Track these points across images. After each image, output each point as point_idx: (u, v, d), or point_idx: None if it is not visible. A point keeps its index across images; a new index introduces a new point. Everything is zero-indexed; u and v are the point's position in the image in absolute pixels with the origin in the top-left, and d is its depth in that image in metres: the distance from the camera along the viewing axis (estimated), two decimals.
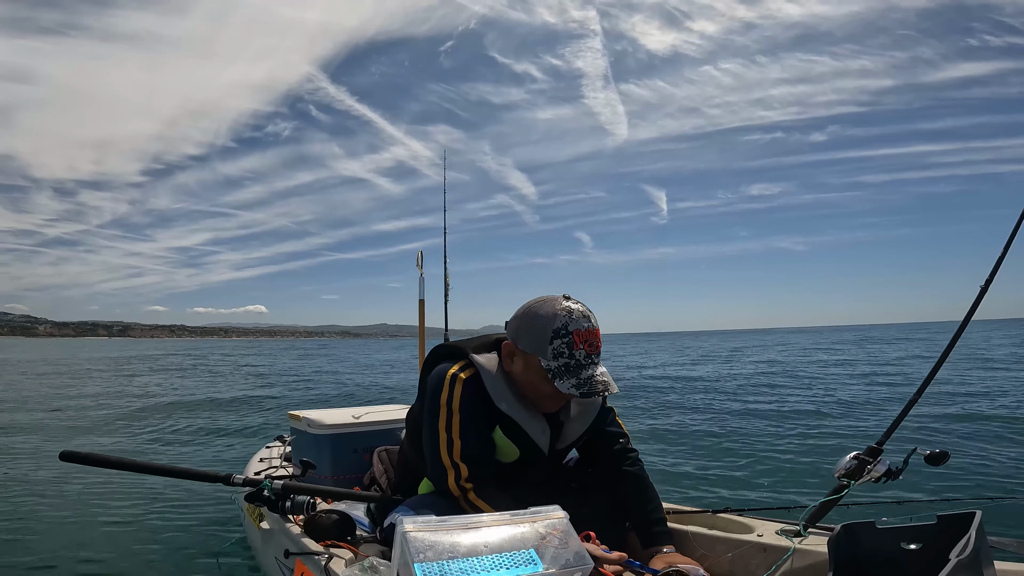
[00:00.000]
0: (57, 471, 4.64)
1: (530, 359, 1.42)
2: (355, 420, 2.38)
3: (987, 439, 5.56)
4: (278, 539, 1.85)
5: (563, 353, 1.38)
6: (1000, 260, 1.61)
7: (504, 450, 1.49)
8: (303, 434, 2.47)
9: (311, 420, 2.40)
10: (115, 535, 3.16)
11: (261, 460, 2.88)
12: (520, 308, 1.49)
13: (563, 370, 1.38)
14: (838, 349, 24.91)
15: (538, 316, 1.42)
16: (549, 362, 1.38)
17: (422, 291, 3.15)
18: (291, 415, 2.61)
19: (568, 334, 1.38)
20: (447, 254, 3.24)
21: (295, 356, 34.07)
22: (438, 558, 0.98)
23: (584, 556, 1.05)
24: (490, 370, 1.47)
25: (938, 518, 1.02)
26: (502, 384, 1.47)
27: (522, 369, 1.45)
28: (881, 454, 1.54)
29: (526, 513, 1.11)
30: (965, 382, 10.13)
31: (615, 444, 1.63)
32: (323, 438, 2.32)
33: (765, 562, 1.42)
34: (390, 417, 2.45)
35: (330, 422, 2.34)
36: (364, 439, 2.35)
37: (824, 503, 1.53)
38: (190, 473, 1.67)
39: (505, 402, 1.45)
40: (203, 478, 1.68)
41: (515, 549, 1.03)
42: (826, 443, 5.93)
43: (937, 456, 1.48)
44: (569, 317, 1.39)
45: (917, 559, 1.03)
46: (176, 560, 2.77)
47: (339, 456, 2.31)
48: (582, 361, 1.38)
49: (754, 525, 1.58)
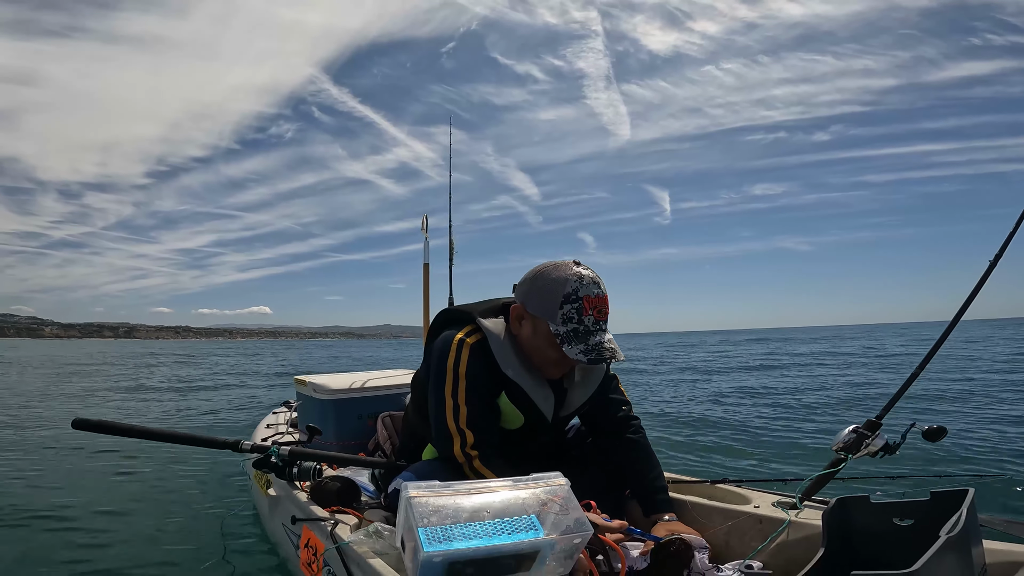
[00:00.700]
0: (69, 439, 4.74)
1: (539, 323, 1.42)
2: (360, 385, 2.40)
3: (985, 416, 5.60)
4: (285, 505, 1.89)
5: (572, 318, 1.38)
6: (1011, 235, 1.60)
7: (509, 416, 1.50)
8: (309, 399, 2.49)
9: (316, 385, 2.41)
10: (124, 502, 3.24)
11: (268, 426, 2.93)
12: (530, 271, 1.48)
13: (572, 335, 1.38)
14: (841, 343, 24.93)
15: (549, 280, 1.41)
16: (558, 327, 1.38)
17: (427, 255, 3.14)
18: (297, 380, 2.63)
19: (578, 299, 1.38)
20: (452, 220, 3.22)
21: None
22: (442, 522, 1.01)
23: (584, 523, 1.07)
24: (497, 335, 1.47)
25: (931, 495, 1.04)
26: (509, 350, 1.46)
27: (530, 333, 1.45)
28: (880, 428, 1.55)
29: (528, 479, 1.14)
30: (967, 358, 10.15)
31: (618, 412, 1.64)
32: (328, 403, 2.35)
33: (761, 533, 1.44)
34: (395, 382, 2.47)
35: (335, 387, 2.36)
36: (369, 404, 2.37)
37: (820, 476, 1.55)
38: (199, 440, 1.70)
39: (511, 368, 1.45)
40: (212, 444, 1.71)
41: (517, 514, 1.05)
42: (826, 417, 5.99)
43: (935, 432, 1.49)
44: (580, 282, 1.39)
45: (908, 535, 1.05)
46: (185, 526, 2.84)
47: (344, 422, 2.34)
48: (591, 327, 1.39)
49: (751, 496, 1.61)
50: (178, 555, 2.47)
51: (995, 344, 18.20)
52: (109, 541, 2.67)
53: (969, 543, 0.88)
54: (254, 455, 1.73)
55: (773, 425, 5.58)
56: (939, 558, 0.77)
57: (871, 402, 6.92)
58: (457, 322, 1.55)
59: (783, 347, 22.12)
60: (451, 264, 3.16)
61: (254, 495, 2.63)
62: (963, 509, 0.90)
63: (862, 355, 14.73)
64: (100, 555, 2.50)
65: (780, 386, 8.27)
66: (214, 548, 2.49)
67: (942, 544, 0.79)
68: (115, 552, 2.54)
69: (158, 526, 2.85)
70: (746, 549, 1.46)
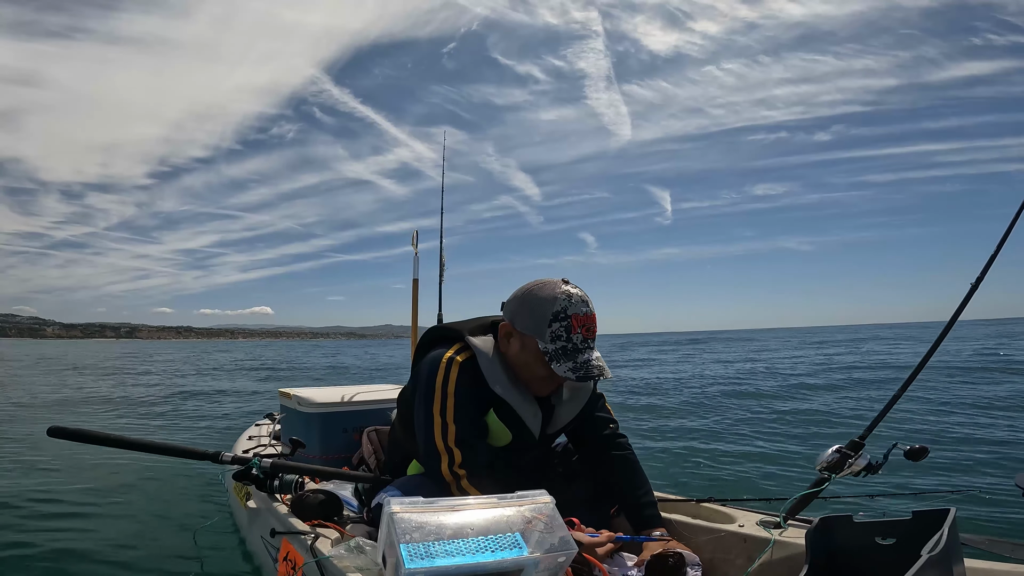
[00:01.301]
0: (44, 447, 4.63)
1: (527, 340, 1.43)
2: (345, 399, 2.37)
3: (966, 436, 5.66)
4: (264, 518, 1.86)
5: (561, 336, 1.39)
6: (991, 260, 1.62)
7: (497, 434, 1.50)
8: (293, 412, 2.46)
9: (301, 398, 2.39)
10: (100, 512, 3.16)
11: (250, 438, 2.88)
12: (519, 289, 1.50)
13: (560, 353, 1.39)
14: (834, 347, 25.17)
15: (537, 298, 1.43)
16: (547, 344, 1.39)
17: (416, 270, 3.13)
18: (281, 393, 2.60)
19: (567, 318, 1.39)
20: (443, 236, 3.22)
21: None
22: (424, 539, 0.99)
23: (569, 541, 1.06)
24: (486, 353, 1.47)
25: (913, 514, 1.04)
26: (497, 367, 1.47)
27: (518, 351, 1.45)
28: (862, 448, 1.57)
29: (512, 497, 1.13)
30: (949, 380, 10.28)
31: (604, 429, 1.65)
32: (313, 416, 2.32)
33: (745, 552, 1.44)
34: (381, 397, 2.45)
35: (320, 400, 2.33)
36: (354, 418, 2.34)
37: (804, 495, 1.55)
38: (178, 450, 1.67)
39: (500, 385, 1.45)
40: (191, 455, 1.68)
41: (501, 532, 1.04)
42: (810, 436, 6.02)
43: (917, 451, 1.50)
44: (568, 301, 1.41)
45: (891, 554, 1.05)
46: (161, 538, 2.77)
47: (328, 435, 2.31)
48: (579, 345, 1.40)
49: (736, 515, 1.61)
50: (152, 566, 2.40)
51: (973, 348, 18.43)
52: (82, 550, 2.60)
53: (951, 562, 0.88)
54: (235, 467, 1.70)
55: (757, 443, 5.60)
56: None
57: (855, 419, 6.98)
58: (446, 340, 1.55)
59: (771, 354, 22.28)
60: (441, 281, 3.16)
61: (233, 507, 2.58)
62: (944, 528, 0.91)
63: (852, 365, 14.86)
64: (73, 566, 2.43)
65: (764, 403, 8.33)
66: (190, 560, 2.44)
67: (924, 563, 0.79)
68: (88, 562, 2.47)
69: (134, 536, 2.79)
70: (731, 568, 1.46)
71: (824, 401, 8.59)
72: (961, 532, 1.00)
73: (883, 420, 1.64)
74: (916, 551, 0.83)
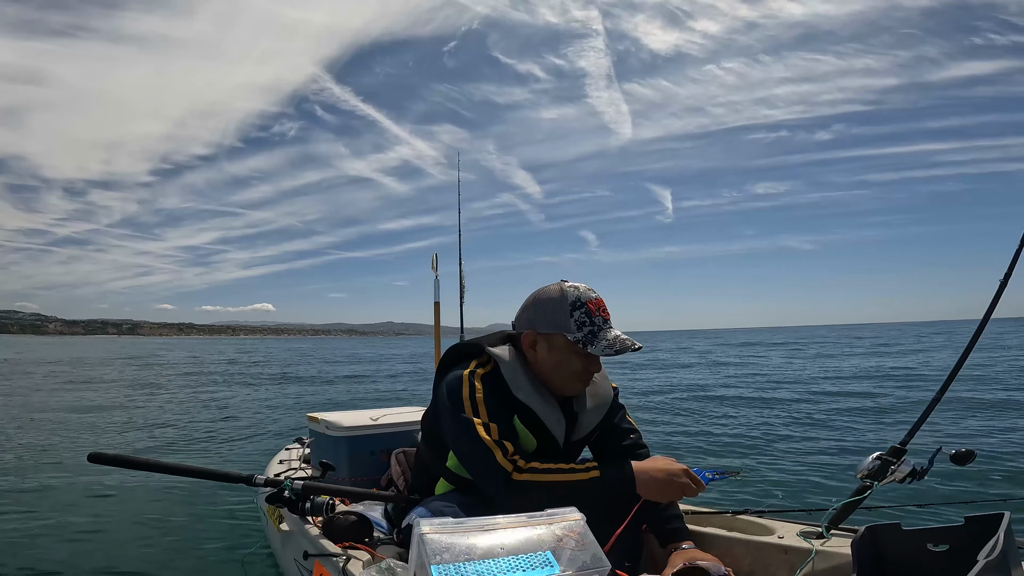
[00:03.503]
0: (82, 472, 4.73)
1: (554, 339, 1.47)
2: (372, 422, 2.39)
3: (1014, 437, 5.43)
4: (297, 540, 1.86)
5: (585, 322, 1.45)
6: (1018, 253, 1.57)
7: (522, 439, 1.49)
8: (321, 436, 2.49)
9: (329, 422, 2.41)
10: (138, 535, 3.22)
11: (281, 462, 2.91)
12: (526, 301, 1.56)
13: (591, 336, 1.45)
14: (853, 348, 24.52)
15: (550, 299, 1.50)
16: (575, 334, 1.45)
17: (437, 293, 3.13)
18: (309, 417, 2.63)
19: (583, 304, 1.47)
20: (462, 254, 3.23)
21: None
22: (455, 560, 0.98)
23: (601, 558, 1.04)
24: (507, 360, 1.50)
25: (965, 520, 1.00)
26: (520, 373, 1.50)
27: (547, 353, 1.49)
28: (905, 454, 1.51)
29: (542, 515, 1.11)
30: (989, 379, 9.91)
31: (625, 440, 1.64)
32: (341, 440, 2.34)
33: (786, 564, 1.40)
34: (407, 419, 2.46)
35: (348, 424, 2.35)
36: (381, 441, 2.36)
37: (847, 504, 1.50)
38: (213, 474, 1.69)
39: (523, 391, 1.47)
40: (226, 479, 1.70)
41: (532, 551, 1.02)
42: (847, 444, 5.84)
43: (963, 456, 1.44)
44: (578, 292, 1.49)
45: (943, 561, 1.01)
46: (197, 560, 2.81)
47: (356, 458, 2.32)
48: (602, 325, 1.47)
49: (775, 527, 1.56)
50: None
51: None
52: (123, 571, 2.64)
53: (1009, 567, 0.84)
54: (267, 489, 1.71)
55: (793, 453, 5.45)
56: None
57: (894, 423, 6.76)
58: (466, 356, 1.57)
59: (792, 356, 21.73)
60: (462, 300, 3.17)
61: (266, 530, 2.61)
62: (1000, 532, 0.86)
63: (878, 360, 14.40)
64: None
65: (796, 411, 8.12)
66: None
67: (981, 568, 0.75)
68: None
69: (171, 559, 2.83)
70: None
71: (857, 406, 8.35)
72: (1017, 536, 0.95)
73: (924, 424, 1.58)
74: (971, 557, 0.80)
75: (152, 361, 27.21)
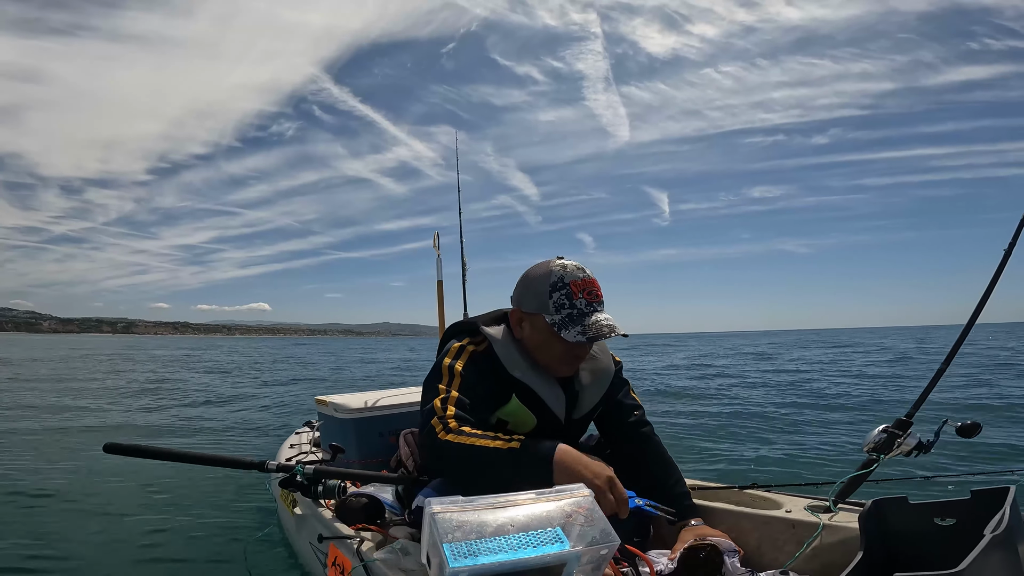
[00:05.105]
0: (97, 461, 4.80)
1: (535, 319, 1.46)
2: (380, 404, 2.41)
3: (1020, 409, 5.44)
4: (311, 524, 1.89)
5: (564, 304, 1.42)
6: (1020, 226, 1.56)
7: (521, 418, 1.49)
8: (330, 419, 2.51)
9: (337, 405, 2.43)
10: (154, 523, 3.27)
11: (291, 446, 2.94)
12: (520, 277, 1.55)
13: (567, 320, 1.41)
14: (854, 348, 24.46)
15: (535, 277, 1.48)
16: (552, 316, 1.42)
17: (440, 272, 3.12)
18: (318, 400, 2.65)
19: (565, 286, 1.43)
20: (463, 236, 3.22)
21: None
22: (466, 537, 0.99)
23: (610, 533, 1.05)
24: (501, 339, 1.50)
25: (972, 493, 1.00)
26: (514, 351, 1.49)
27: (530, 331, 1.48)
28: (911, 427, 1.51)
29: (551, 491, 1.12)
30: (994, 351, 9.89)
31: (629, 416, 1.64)
32: (349, 422, 2.35)
33: (794, 538, 1.41)
34: (414, 400, 2.47)
35: (355, 406, 2.37)
36: (389, 422, 2.38)
37: (853, 478, 1.51)
38: (226, 460, 1.71)
39: (519, 369, 1.47)
40: (239, 465, 1.72)
41: (542, 527, 1.04)
42: (852, 418, 5.86)
43: (969, 428, 1.45)
44: (563, 271, 1.45)
45: (950, 535, 1.02)
46: (214, 547, 2.85)
47: (365, 440, 2.34)
48: (584, 309, 1.42)
49: (782, 501, 1.57)
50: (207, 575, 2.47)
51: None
52: (142, 559, 2.70)
53: (1015, 541, 0.85)
54: (280, 474, 1.73)
55: (798, 428, 5.47)
56: (985, 557, 0.75)
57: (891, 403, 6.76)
58: (463, 332, 1.58)
59: (788, 350, 21.76)
60: (464, 280, 3.17)
61: (281, 514, 2.64)
62: (1006, 506, 0.87)
63: (872, 356, 14.41)
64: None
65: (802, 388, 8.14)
66: (242, 568, 2.50)
67: (988, 543, 0.76)
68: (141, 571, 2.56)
69: (188, 545, 2.87)
70: (779, 555, 1.42)
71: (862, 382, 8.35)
72: (1023, 510, 0.96)
73: (929, 397, 1.59)
74: (977, 531, 0.80)
75: (151, 359, 27.32)
